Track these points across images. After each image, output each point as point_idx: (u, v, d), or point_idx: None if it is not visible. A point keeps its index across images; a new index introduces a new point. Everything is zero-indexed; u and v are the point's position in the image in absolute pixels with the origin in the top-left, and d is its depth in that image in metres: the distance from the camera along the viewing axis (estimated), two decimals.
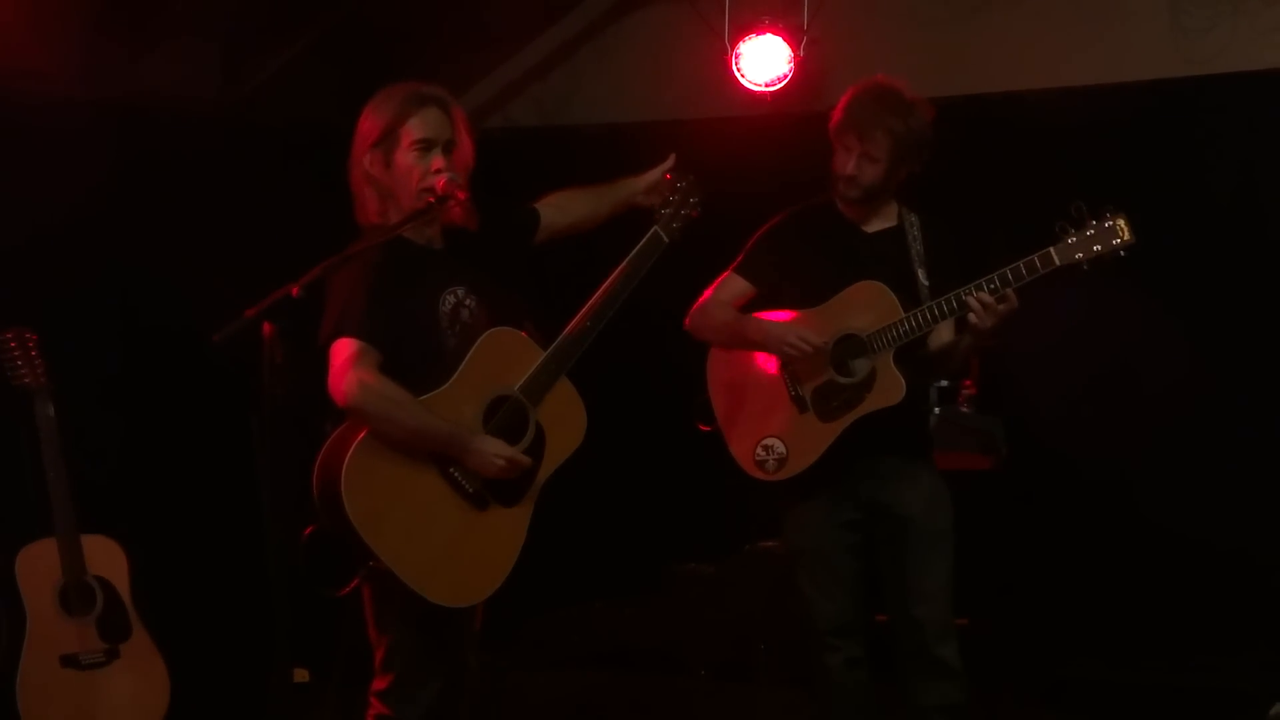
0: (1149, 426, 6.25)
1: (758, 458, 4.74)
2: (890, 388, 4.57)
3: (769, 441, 4.72)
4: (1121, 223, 4.39)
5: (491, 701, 4.45)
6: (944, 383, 5.02)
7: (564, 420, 4.14)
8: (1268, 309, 6.18)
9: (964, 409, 5.89)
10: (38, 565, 5.09)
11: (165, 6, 6.01)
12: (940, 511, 4.71)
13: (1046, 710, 5.99)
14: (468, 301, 4.15)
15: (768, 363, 4.76)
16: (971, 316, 4.44)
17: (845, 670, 4.75)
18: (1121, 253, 4.40)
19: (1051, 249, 4.42)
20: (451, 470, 3.99)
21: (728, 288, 4.85)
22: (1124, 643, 6.31)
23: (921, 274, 4.65)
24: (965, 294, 4.45)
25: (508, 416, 4.07)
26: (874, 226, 4.77)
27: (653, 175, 4.52)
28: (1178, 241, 6.23)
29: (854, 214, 4.76)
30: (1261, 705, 5.66)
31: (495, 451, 3.97)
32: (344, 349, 3.94)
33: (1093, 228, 4.40)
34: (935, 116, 4.71)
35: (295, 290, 3.63)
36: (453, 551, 3.98)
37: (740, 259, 4.87)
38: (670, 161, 4.53)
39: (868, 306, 4.61)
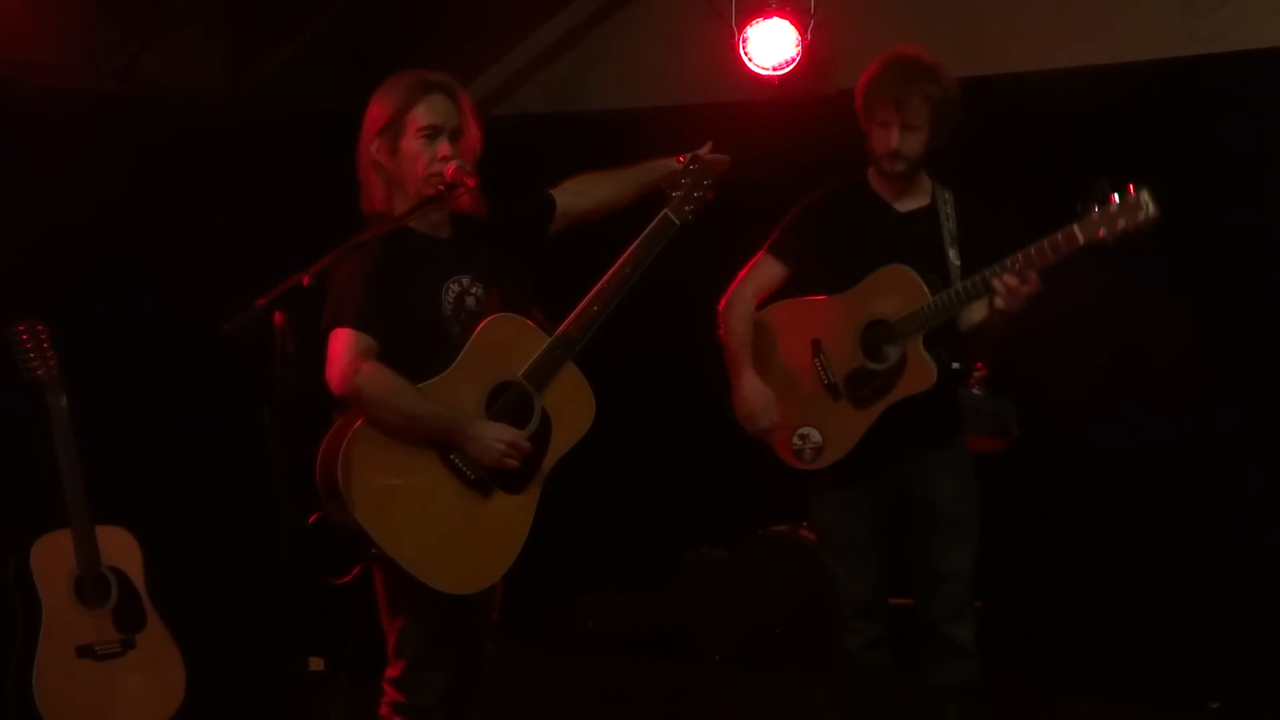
0: (1161, 407, 6.25)
1: (795, 447, 4.69)
2: (921, 373, 4.53)
3: (805, 430, 4.67)
4: (1146, 197, 4.35)
5: (506, 687, 4.44)
6: (955, 365, 4.98)
7: (570, 406, 4.12)
8: (1278, 289, 6.17)
9: (975, 391, 5.88)
10: (53, 557, 5.10)
11: None
12: (967, 494, 4.70)
13: (1060, 691, 6.00)
14: (474, 290, 4.13)
15: (799, 351, 4.71)
16: (997, 300, 4.41)
17: (866, 651, 4.74)
18: (1147, 228, 4.35)
19: (1075, 226, 4.35)
20: (452, 457, 3.98)
21: (761, 273, 4.78)
22: (1138, 623, 6.31)
23: (953, 254, 4.61)
24: (991, 275, 4.41)
25: (511, 403, 4.06)
26: (907, 205, 4.72)
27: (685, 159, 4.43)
28: (1188, 221, 6.21)
29: (888, 193, 4.71)
30: (1274, 685, 5.68)
31: (495, 436, 3.96)
32: (340, 338, 3.96)
33: (1116, 204, 4.36)
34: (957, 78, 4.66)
35: (306, 279, 3.65)
36: (455, 538, 3.98)
37: (774, 238, 4.80)
38: (707, 147, 4.46)
39: (894, 290, 4.57)
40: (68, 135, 5.74)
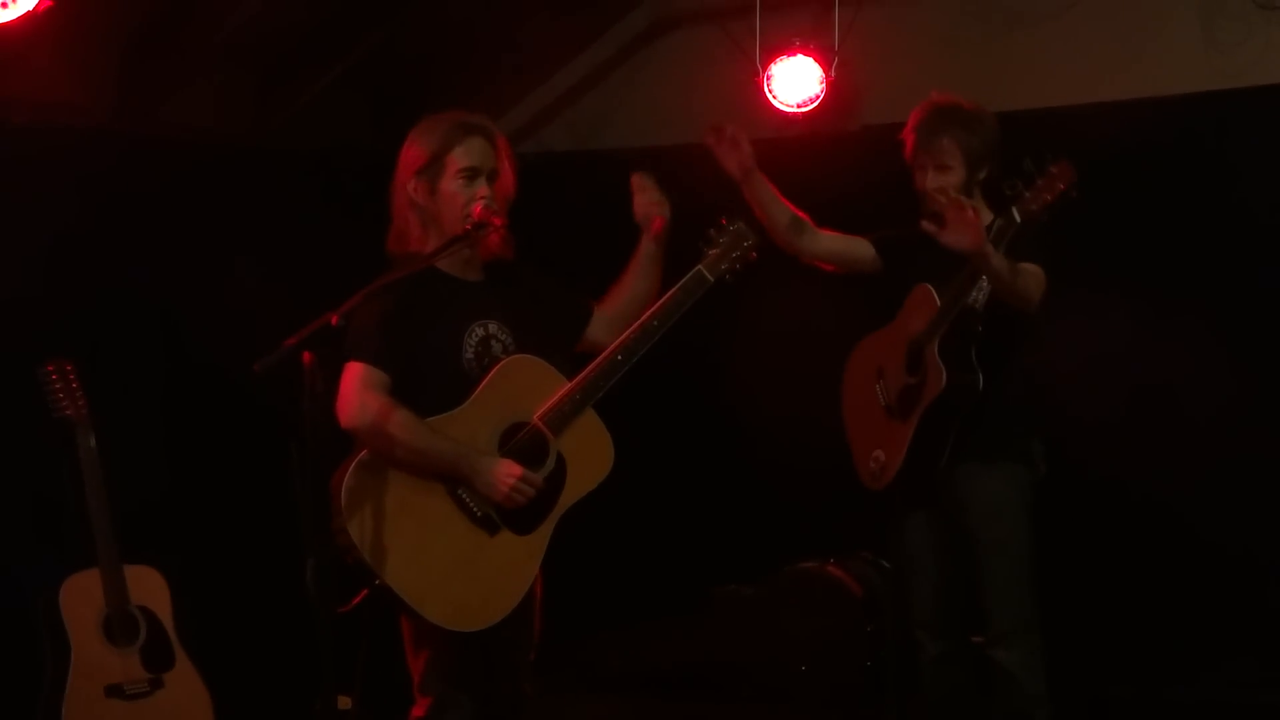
0: (1189, 442, 6.21)
1: (871, 470, 4.91)
2: (933, 376, 4.65)
3: (876, 453, 4.88)
4: (1065, 167, 4.49)
5: None
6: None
7: (588, 452, 4.11)
8: None
9: None
10: (81, 596, 5.10)
11: (199, 39, 6.05)
12: (1003, 517, 4.74)
13: None
14: (500, 335, 4.14)
15: (868, 380, 4.94)
16: (947, 236, 4.49)
17: (933, 667, 4.87)
18: (1072, 194, 4.48)
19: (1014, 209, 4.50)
20: (460, 492, 3.98)
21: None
22: (1166, 659, 6.27)
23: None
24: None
25: (525, 444, 4.05)
26: None
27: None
28: (1214, 254, 6.21)
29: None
30: None
31: (505, 472, 3.96)
32: (351, 372, 3.98)
33: (1046, 176, 4.49)
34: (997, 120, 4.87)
35: (334, 319, 3.67)
36: (457, 573, 3.95)
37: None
38: (644, 174, 4.50)
39: (920, 309, 4.75)
40: (97, 175, 5.78)
